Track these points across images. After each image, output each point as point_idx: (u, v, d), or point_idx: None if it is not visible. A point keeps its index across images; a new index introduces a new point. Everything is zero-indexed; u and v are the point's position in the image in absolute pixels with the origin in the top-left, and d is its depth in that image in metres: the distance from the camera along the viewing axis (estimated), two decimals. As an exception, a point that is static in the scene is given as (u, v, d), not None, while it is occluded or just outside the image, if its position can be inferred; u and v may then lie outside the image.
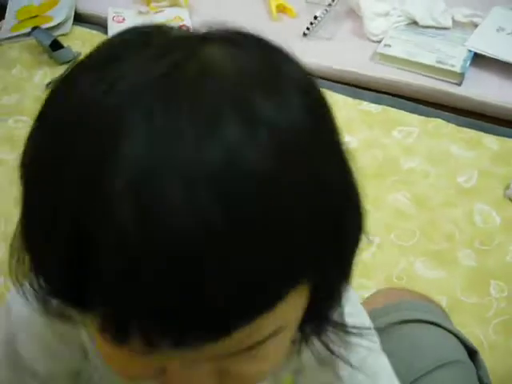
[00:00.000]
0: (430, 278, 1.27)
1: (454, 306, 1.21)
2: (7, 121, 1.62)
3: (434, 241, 1.34)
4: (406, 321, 0.82)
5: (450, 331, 0.83)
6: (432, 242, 1.34)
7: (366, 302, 0.97)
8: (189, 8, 2.01)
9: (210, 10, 2.00)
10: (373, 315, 0.84)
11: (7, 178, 1.47)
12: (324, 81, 1.74)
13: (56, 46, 1.78)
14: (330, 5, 1.94)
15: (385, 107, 1.64)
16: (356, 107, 1.64)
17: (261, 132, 0.35)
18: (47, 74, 1.78)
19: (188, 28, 1.90)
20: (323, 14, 1.89)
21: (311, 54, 1.80)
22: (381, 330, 0.76)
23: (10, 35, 1.91)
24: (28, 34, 1.87)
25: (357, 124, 1.60)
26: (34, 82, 1.76)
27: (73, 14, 1.98)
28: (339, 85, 1.73)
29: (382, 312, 0.84)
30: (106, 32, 1.94)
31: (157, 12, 2.01)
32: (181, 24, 1.94)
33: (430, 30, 1.83)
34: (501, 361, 1.13)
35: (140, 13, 2.01)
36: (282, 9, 2.01)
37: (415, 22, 1.85)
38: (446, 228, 1.36)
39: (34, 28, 1.84)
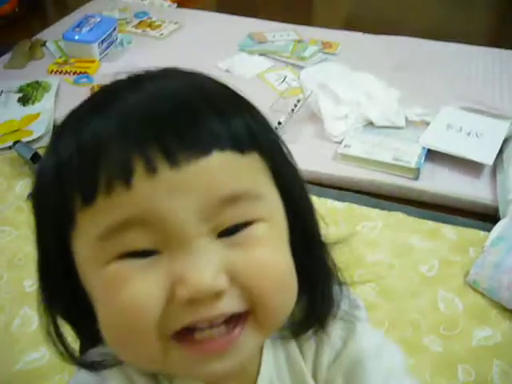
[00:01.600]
0: (400, 367, 1.33)
1: (425, 393, 1.26)
2: (-11, 231, 1.68)
3: (402, 329, 1.40)
4: None
5: None
6: (400, 330, 1.40)
7: None
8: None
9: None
10: None
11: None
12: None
13: (37, 158, 1.88)
14: (292, 110, 2.10)
15: (348, 204, 1.75)
16: (322, 205, 1.75)
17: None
18: (28, 185, 1.86)
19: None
20: (286, 118, 2.05)
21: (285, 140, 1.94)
22: None
23: (-10, 149, 2.01)
24: (9, 148, 1.97)
25: (325, 220, 1.69)
26: (16, 193, 1.84)
27: (52, 127, 2.10)
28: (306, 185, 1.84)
29: None
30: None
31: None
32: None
33: (385, 129, 1.99)
34: None
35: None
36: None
37: (371, 123, 2.01)
38: (412, 316, 1.43)
39: (16, 142, 1.94)
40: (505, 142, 1.87)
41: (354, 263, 1.56)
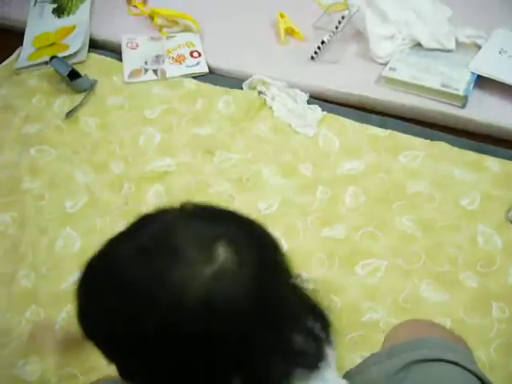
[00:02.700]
0: (434, 301, 1.34)
1: (458, 328, 1.27)
2: (29, 150, 1.69)
3: (439, 264, 1.40)
4: (428, 359, 0.84)
5: (472, 372, 0.84)
6: (436, 264, 1.40)
7: (390, 334, 1.01)
8: (200, 33, 2.08)
9: (221, 36, 2.07)
10: (396, 350, 0.89)
11: (31, 206, 1.55)
12: (331, 104, 1.81)
13: (73, 75, 1.86)
14: (336, 28, 2.00)
15: (391, 131, 1.70)
16: (364, 131, 1.71)
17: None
18: (66, 103, 1.85)
19: (199, 53, 1.97)
20: (330, 37, 1.96)
21: (318, 77, 1.88)
22: (405, 367, 0.82)
23: (28, 64, 1.99)
24: (46, 63, 1.95)
25: (364, 148, 1.66)
26: (54, 111, 1.83)
27: (88, 41, 2.05)
28: (346, 108, 1.79)
29: (406, 347, 0.88)
30: (120, 59, 2.01)
31: (168, 38, 2.07)
32: (192, 50, 2.01)
33: (433, 52, 1.89)
34: (501, 381, 1.19)
35: (152, 39, 2.08)
36: (290, 32, 2.07)
37: (420, 45, 1.91)
38: (449, 251, 1.42)
39: (52, 58, 1.91)
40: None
41: (393, 194, 1.54)
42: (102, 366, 1.18)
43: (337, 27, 2.01)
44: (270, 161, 1.64)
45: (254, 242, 0.64)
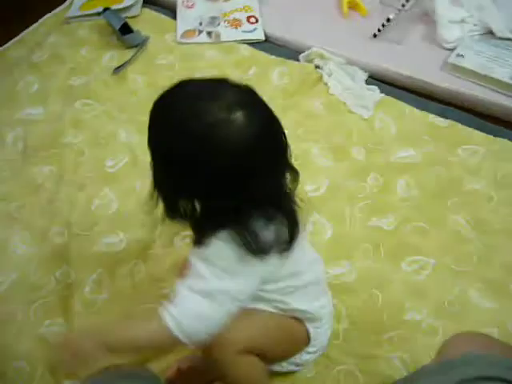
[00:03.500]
0: (481, 308, 1.25)
1: (503, 340, 1.19)
2: (74, 104, 1.64)
3: (491, 269, 1.31)
4: (483, 377, 0.78)
5: None
6: (488, 270, 1.31)
7: (446, 345, 0.94)
8: (259, -1, 1.99)
9: (280, 3, 1.98)
10: (450, 364, 0.82)
11: (71, 161, 1.51)
12: (390, 87, 1.71)
13: (125, 30, 1.79)
14: (403, 6, 1.89)
15: (452, 122, 1.60)
16: (422, 119, 1.61)
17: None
18: (115, 57, 1.79)
19: (256, 19, 1.89)
20: (396, 15, 1.84)
21: (379, 57, 1.77)
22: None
23: (79, 13, 1.93)
24: (98, 14, 1.88)
25: (421, 137, 1.56)
26: (102, 65, 1.77)
27: (143, -4, 1.98)
28: (405, 93, 1.69)
29: (460, 362, 0.81)
30: (174, 17, 1.94)
31: (226, 0, 1.99)
32: (249, 15, 1.92)
33: (506, 42, 1.76)
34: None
35: (209, -1, 2.00)
36: (353, 5, 1.96)
37: (491, 33, 1.79)
38: (503, 257, 1.33)
39: (105, 9, 1.85)
40: None
41: (449, 189, 1.45)
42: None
43: (403, 5, 1.90)
44: (320, 140, 1.55)
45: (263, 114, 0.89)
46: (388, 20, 1.81)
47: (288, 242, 0.88)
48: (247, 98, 0.86)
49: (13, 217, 1.41)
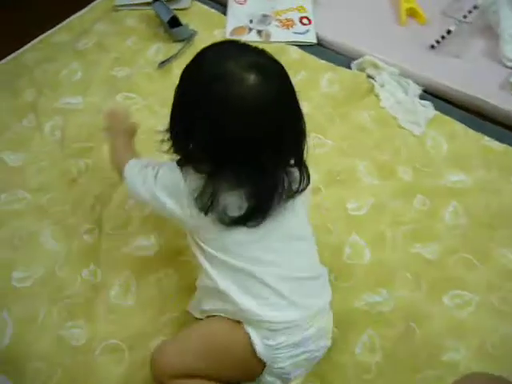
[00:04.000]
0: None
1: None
2: (115, 96, 1.60)
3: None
4: None
5: None
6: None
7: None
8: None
9: (335, 5, 1.90)
10: None
11: (108, 157, 1.46)
12: (445, 103, 1.62)
13: (174, 23, 1.74)
14: (465, 17, 1.79)
15: (508, 147, 1.51)
16: (476, 141, 1.52)
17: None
18: (161, 50, 1.74)
19: (309, 20, 1.81)
20: (457, 26, 1.75)
21: (435, 70, 1.69)
22: None
23: (129, 1, 1.88)
24: (148, 4, 1.84)
25: (474, 161, 1.47)
26: (147, 57, 1.73)
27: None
28: (461, 111, 1.60)
29: None
30: (224, 12, 1.88)
31: (280, -2, 1.92)
32: (303, 15, 1.85)
33: None
34: None
35: (262, -4, 1.93)
36: (412, 13, 1.87)
37: (560, 53, 1.68)
38: None
39: (156, 0, 1.80)
40: None
41: (500, 220, 1.36)
42: (147, 342, 1.12)
43: (465, 16, 1.80)
44: (367, 156, 1.48)
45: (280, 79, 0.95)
46: (448, 32, 1.72)
47: (232, 217, 0.94)
48: (271, 66, 0.94)
49: (44, 209, 1.38)
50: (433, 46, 1.74)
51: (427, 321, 1.20)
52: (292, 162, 0.99)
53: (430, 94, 1.64)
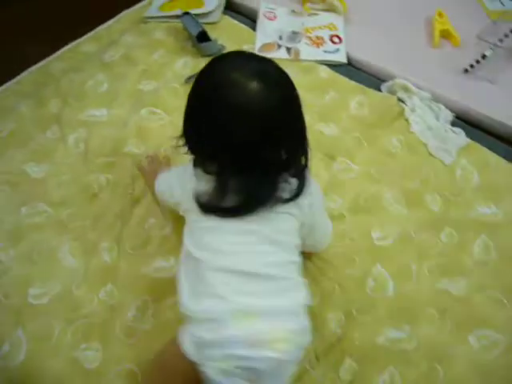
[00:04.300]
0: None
1: None
2: (140, 110, 1.58)
3: None
4: None
5: None
6: None
7: None
8: (345, 17, 1.87)
9: (367, 24, 1.86)
10: None
11: (130, 173, 1.44)
12: (477, 131, 1.57)
13: (202, 37, 1.72)
14: (501, 40, 1.74)
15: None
16: (509, 172, 1.47)
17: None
18: (188, 65, 1.72)
19: (340, 38, 1.78)
20: (492, 51, 1.70)
21: (468, 96, 1.64)
22: None
23: (158, 14, 1.87)
24: (177, 17, 1.82)
25: (506, 192, 1.42)
26: (174, 71, 1.70)
27: (224, 2, 1.90)
28: (494, 139, 1.55)
29: None
30: (254, 27, 1.85)
31: (310, 14, 1.88)
32: (333, 34, 1.81)
33: None
34: None
35: (293, 12, 1.89)
36: (445, 35, 1.83)
37: None
38: None
39: (185, 13, 1.78)
40: None
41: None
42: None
43: (501, 40, 1.75)
44: (394, 183, 1.44)
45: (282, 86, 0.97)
46: (483, 57, 1.67)
47: (222, 207, 0.98)
48: (274, 74, 0.96)
49: (64, 224, 1.36)
50: (466, 70, 1.70)
51: (452, 361, 1.15)
52: (292, 170, 1.02)
53: (462, 120, 1.59)
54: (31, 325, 1.19)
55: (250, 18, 1.89)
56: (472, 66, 1.69)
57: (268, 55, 1.74)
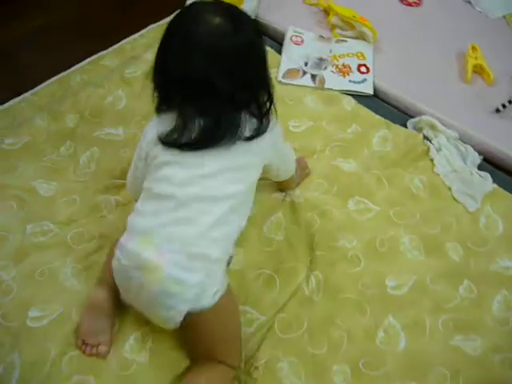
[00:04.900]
0: None
1: None
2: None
3: None
4: None
5: None
6: None
7: None
8: (375, 46, 1.81)
9: (396, 55, 1.80)
10: None
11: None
12: (506, 176, 1.50)
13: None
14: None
15: None
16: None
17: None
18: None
19: (368, 68, 1.72)
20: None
21: (499, 138, 1.57)
22: None
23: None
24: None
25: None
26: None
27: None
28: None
29: None
30: (279, 50, 1.80)
31: (339, 41, 1.83)
32: (361, 63, 1.75)
33: None
34: None
35: (320, 37, 1.84)
36: (478, 70, 1.76)
37: None
38: None
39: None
40: None
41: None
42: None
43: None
44: (413, 227, 1.37)
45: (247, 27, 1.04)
46: (504, 106, 1.60)
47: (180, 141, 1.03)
48: (240, 17, 1.04)
49: (68, 245, 1.32)
50: (498, 110, 1.63)
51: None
52: (254, 110, 1.08)
53: (490, 163, 1.52)
54: (27, 349, 1.14)
55: (276, 41, 1.85)
56: (504, 105, 1.62)
57: (292, 82, 1.70)
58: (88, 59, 1.79)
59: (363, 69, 1.73)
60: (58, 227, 1.35)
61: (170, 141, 1.06)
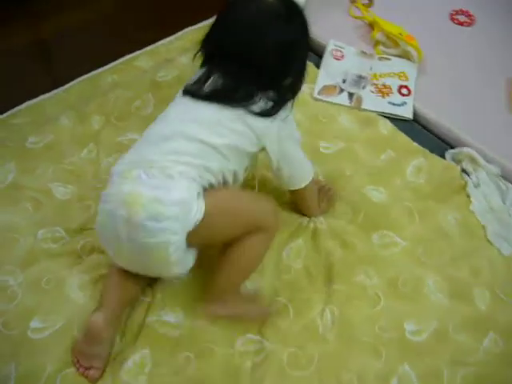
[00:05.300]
0: None
1: None
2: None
3: None
4: None
5: None
6: None
7: None
8: (419, 67, 1.72)
9: (440, 80, 1.70)
10: None
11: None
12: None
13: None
14: None
15: None
16: None
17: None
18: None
19: (409, 90, 1.63)
20: None
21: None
22: None
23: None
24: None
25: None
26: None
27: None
28: None
29: None
30: (317, 64, 1.73)
31: (381, 58, 1.74)
32: (403, 84, 1.66)
33: None
34: None
35: (362, 53, 1.76)
36: (528, 100, 1.65)
37: None
38: None
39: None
40: None
41: None
42: None
43: None
44: (441, 268, 1.28)
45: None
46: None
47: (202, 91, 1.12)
48: (293, 10, 1.13)
49: (78, 255, 1.28)
50: (543, 144, 1.52)
51: None
52: (273, 93, 1.13)
53: (532, 203, 1.42)
54: (24, 361, 1.11)
55: (315, 53, 1.77)
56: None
57: (327, 99, 1.62)
58: (121, 59, 1.75)
59: (404, 91, 1.64)
60: (69, 235, 1.31)
61: (188, 88, 1.16)
